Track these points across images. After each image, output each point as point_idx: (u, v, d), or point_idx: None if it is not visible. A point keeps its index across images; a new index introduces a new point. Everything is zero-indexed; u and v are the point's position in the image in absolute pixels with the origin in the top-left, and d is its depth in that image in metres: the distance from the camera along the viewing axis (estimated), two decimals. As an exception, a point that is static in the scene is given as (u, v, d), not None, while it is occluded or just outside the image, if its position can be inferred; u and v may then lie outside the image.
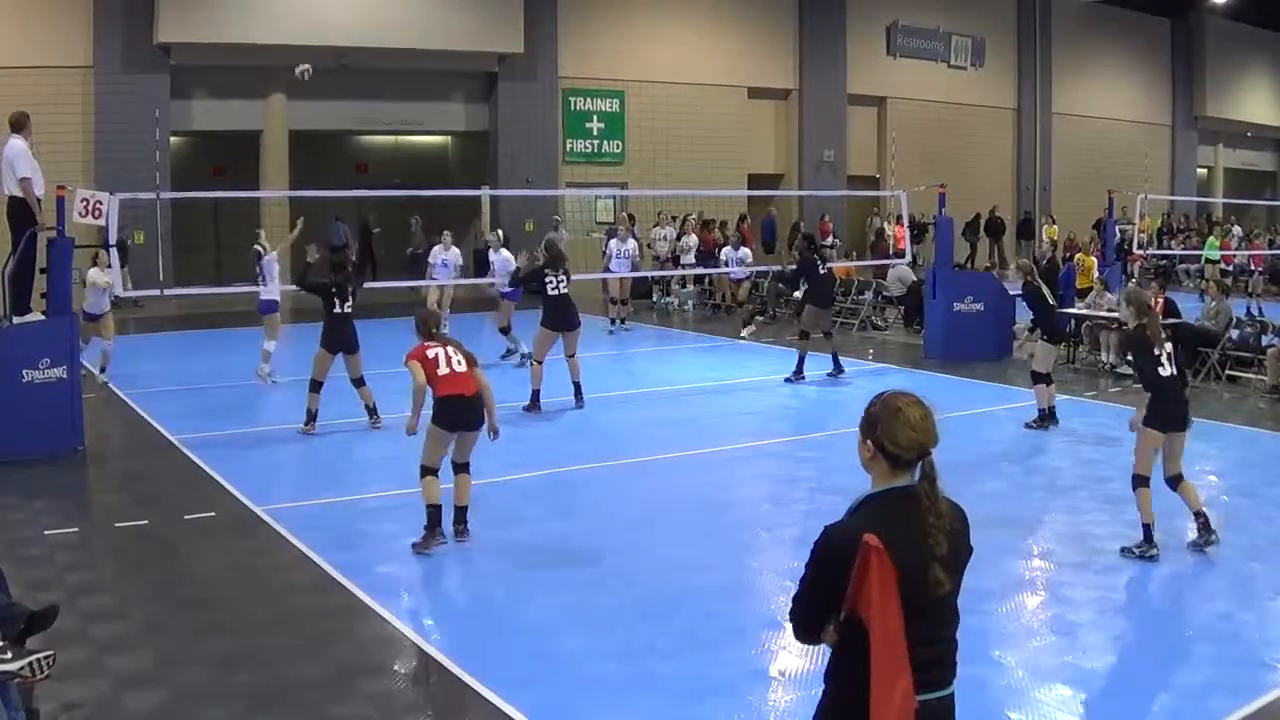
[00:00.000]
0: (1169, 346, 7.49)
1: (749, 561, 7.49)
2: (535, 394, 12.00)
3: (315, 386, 10.92)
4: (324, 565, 7.20)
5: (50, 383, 10.04)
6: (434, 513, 7.38)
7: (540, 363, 12.07)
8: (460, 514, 7.51)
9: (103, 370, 13.45)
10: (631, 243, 19.55)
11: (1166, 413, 7.43)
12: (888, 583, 2.76)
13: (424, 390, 7.34)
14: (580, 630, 6.26)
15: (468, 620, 6.42)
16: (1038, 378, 11.27)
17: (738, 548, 7.72)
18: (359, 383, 11.10)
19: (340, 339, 10.96)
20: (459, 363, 7.42)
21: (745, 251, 18.99)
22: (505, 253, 16.38)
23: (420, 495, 7.46)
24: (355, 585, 6.82)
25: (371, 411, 11.08)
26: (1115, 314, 15.01)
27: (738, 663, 5.81)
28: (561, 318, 12.13)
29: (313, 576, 7.08)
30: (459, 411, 7.33)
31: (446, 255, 17.00)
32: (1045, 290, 11.75)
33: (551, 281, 12.14)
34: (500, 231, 17.39)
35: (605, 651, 5.99)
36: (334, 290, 10.98)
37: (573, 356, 12.21)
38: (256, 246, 14.24)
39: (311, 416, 10.92)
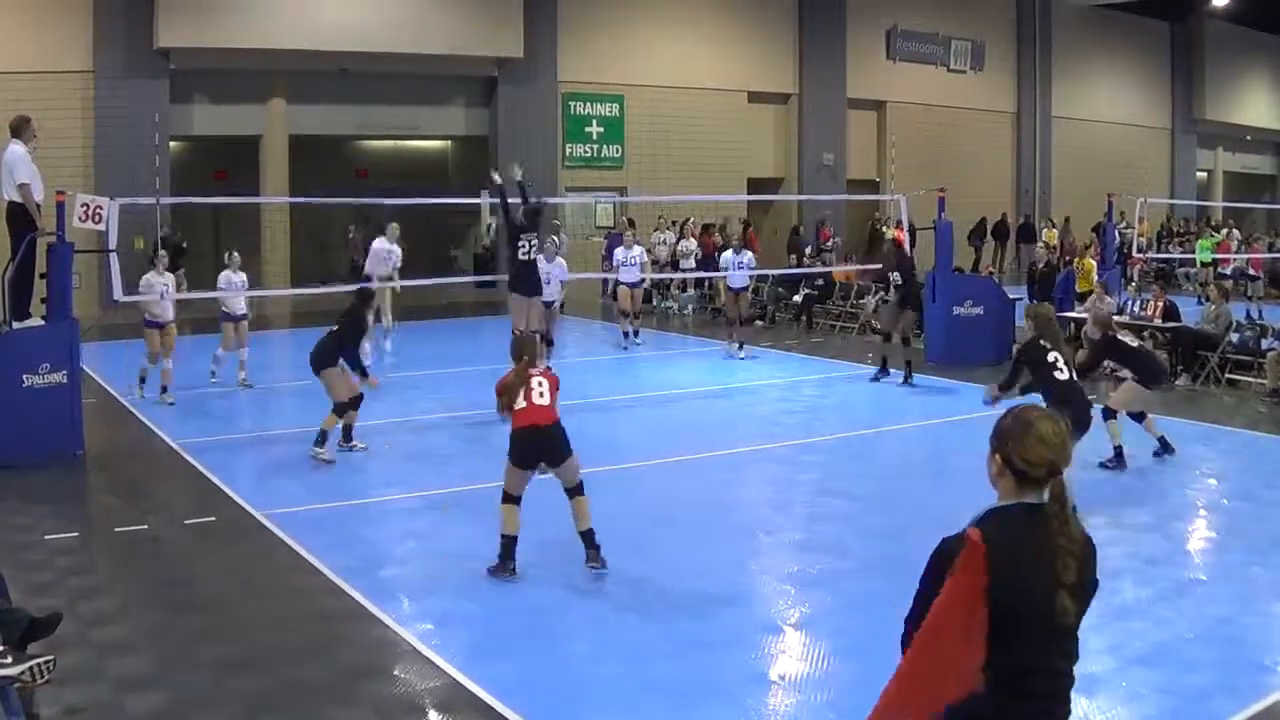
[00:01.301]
0: (1065, 354, 8.23)
1: (750, 565, 7.49)
2: None
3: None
4: (324, 569, 7.20)
5: (50, 387, 10.04)
6: (507, 542, 6.96)
7: (519, 333, 11.91)
8: (586, 539, 7.05)
9: (164, 390, 12.68)
10: (638, 249, 18.59)
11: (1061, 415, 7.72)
12: (974, 589, 2.58)
13: (509, 405, 6.97)
14: (581, 633, 6.26)
15: (468, 624, 6.42)
16: (1140, 417, 10.25)
17: (739, 551, 7.71)
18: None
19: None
20: (541, 394, 6.93)
21: (748, 255, 17.21)
22: (562, 261, 15.72)
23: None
24: (355, 589, 6.82)
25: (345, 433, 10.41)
26: (1116, 319, 15.08)
27: (738, 666, 5.81)
28: (527, 282, 12.23)
29: (313, 580, 7.07)
30: (534, 445, 6.89)
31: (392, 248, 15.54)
32: (1129, 339, 10.62)
33: (524, 245, 12.15)
34: (560, 236, 16.35)
35: (606, 654, 5.99)
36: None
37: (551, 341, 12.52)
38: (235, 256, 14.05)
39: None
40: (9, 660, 4.74)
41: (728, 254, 17.32)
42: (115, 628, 6.30)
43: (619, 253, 18.37)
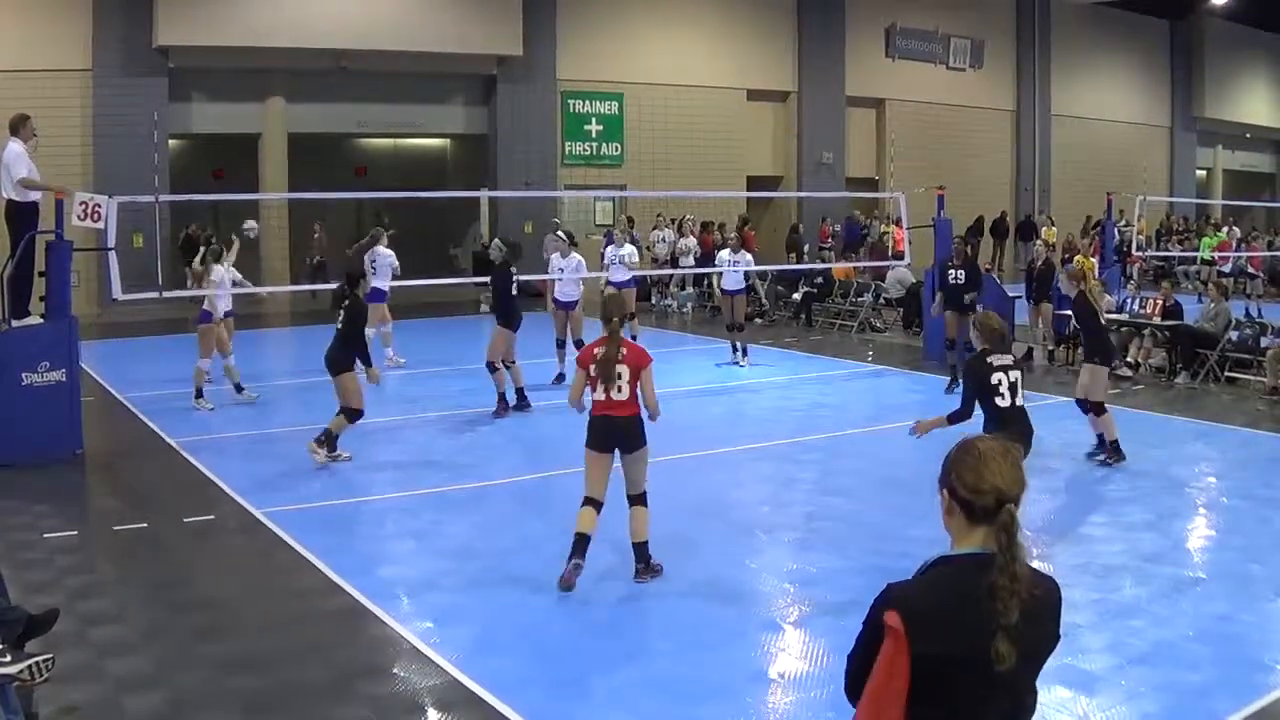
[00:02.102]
0: (1011, 376, 7.19)
1: (750, 564, 7.48)
2: (502, 395, 11.95)
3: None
4: (323, 568, 7.20)
5: (49, 386, 10.04)
6: (577, 540, 6.72)
7: (502, 367, 11.90)
8: (637, 552, 6.91)
9: (240, 388, 12.60)
10: (629, 247, 17.15)
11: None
12: (897, 676, 2.47)
13: (579, 402, 6.88)
14: (580, 632, 6.26)
15: (467, 622, 6.41)
16: (1097, 408, 9.91)
17: (739, 550, 7.71)
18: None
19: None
20: (620, 389, 6.74)
21: (746, 256, 16.34)
22: (577, 256, 14.39)
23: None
24: (354, 588, 6.82)
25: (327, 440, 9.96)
26: (1114, 316, 15.06)
27: (737, 665, 5.81)
28: (518, 318, 12.00)
29: (312, 579, 7.07)
30: (606, 431, 6.79)
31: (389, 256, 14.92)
32: (1099, 304, 10.42)
33: (515, 283, 12.04)
34: (564, 232, 15.38)
35: (605, 653, 5.99)
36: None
37: (515, 363, 12.05)
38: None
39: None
40: (8, 659, 4.74)
41: (724, 253, 16.37)
42: (114, 627, 6.29)
43: (609, 251, 17.03)
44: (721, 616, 6.45)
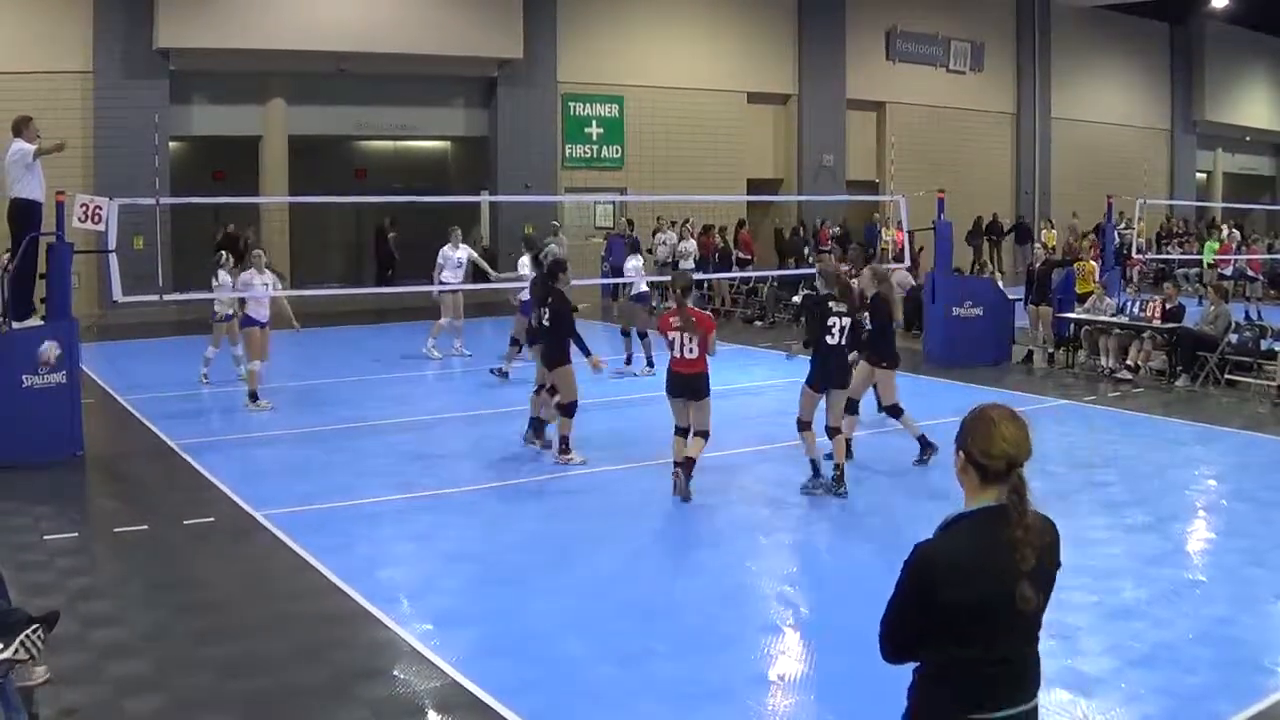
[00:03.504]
0: (844, 321, 8.73)
1: (748, 566, 7.49)
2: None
3: None
4: (323, 570, 7.20)
5: (50, 388, 10.06)
6: (676, 465, 8.77)
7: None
8: (685, 464, 8.71)
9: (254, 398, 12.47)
10: (464, 249, 15.85)
11: (820, 373, 8.77)
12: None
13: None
14: (579, 635, 6.26)
15: (467, 625, 6.42)
16: (893, 410, 10.13)
17: (736, 552, 7.72)
18: None
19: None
20: (691, 350, 8.60)
21: (635, 262, 16.04)
22: (521, 259, 14.47)
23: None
24: (354, 590, 6.82)
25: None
26: (1114, 319, 15.08)
27: (737, 667, 5.81)
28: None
29: (312, 581, 7.07)
30: (676, 383, 8.73)
31: (458, 254, 15.58)
32: (895, 307, 10.66)
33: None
34: (560, 237, 15.59)
35: (604, 656, 5.99)
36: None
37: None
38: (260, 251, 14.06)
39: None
40: (0, 645, 4.71)
41: (629, 260, 16.16)
42: (114, 629, 6.30)
43: (445, 250, 15.74)
44: (721, 618, 6.46)
